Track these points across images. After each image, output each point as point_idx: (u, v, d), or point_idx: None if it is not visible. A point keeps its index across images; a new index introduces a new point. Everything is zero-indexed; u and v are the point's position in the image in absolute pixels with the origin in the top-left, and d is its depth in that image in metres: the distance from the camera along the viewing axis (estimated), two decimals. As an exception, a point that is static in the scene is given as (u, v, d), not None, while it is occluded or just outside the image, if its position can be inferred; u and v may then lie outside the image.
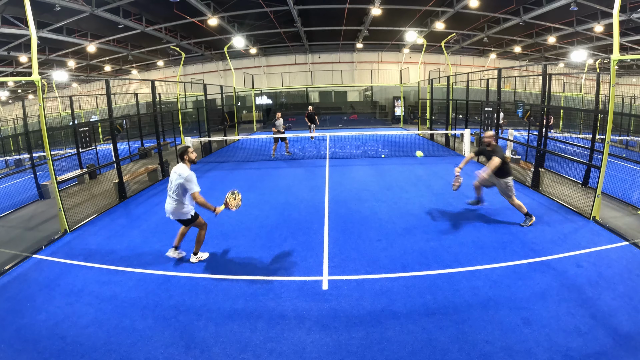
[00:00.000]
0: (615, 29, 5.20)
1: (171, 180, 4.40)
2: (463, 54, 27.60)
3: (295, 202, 7.11)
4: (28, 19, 5.35)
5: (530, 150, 9.26)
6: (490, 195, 7.24)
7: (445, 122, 14.87)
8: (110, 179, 9.02)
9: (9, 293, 4.11)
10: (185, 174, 4.29)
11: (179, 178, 4.29)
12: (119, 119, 9.67)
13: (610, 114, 5.50)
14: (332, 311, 3.59)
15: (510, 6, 16.49)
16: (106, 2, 14.21)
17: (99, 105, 22.10)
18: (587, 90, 17.74)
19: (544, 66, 7.63)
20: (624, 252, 4.66)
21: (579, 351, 2.94)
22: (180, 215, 4.42)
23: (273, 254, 4.89)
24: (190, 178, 4.29)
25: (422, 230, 5.52)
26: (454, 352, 2.99)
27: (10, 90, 29.66)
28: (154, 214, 6.76)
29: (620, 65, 27.51)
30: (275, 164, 11.22)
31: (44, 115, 5.55)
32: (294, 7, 15.96)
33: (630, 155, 12.18)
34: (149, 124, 14.68)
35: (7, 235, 6.01)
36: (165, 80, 25.32)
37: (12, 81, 28.12)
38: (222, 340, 3.23)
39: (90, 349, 3.14)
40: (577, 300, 3.63)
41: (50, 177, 5.79)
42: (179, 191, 4.31)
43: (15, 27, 14.59)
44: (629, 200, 6.59)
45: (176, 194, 4.33)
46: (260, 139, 17.66)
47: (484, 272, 4.24)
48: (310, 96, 27.19)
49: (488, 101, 10.49)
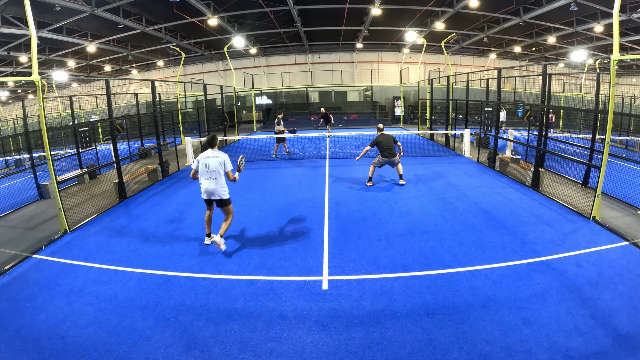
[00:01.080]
0: (615, 29, 5.21)
1: (207, 164, 4.94)
2: (463, 54, 27.60)
3: (295, 202, 7.11)
4: (28, 19, 5.35)
5: (530, 150, 9.26)
6: (489, 195, 7.25)
7: (445, 122, 14.87)
8: (110, 179, 9.02)
9: (9, 293, 4.10)
10: (223, 155, 5.02)
11: (218, 159, 4.96)
12: (119, 119, 9.67)
13: (610, 114, 5.50)
14: (332, 311, 3.59)
15: (510, 6, 16.49)
16: (106, 2, 14.21)
17: (99, 105, 22.09)
18: (587, 90, 17.75)
19: (544, 66, 7.63)
20: (624, 252, 4.66)
21: (579, 351, 2.94)
22: (222, 194, 5.00)
23: (273, 254, 4.89)
24: (227, 159, 5.03)
25: (422, 230, 5.52)
26: (454, 352, 2.99)
27: (10, 90, 29.66)
28: (154, 214, 6.76)
29: (620, 65, 27.52)
30: (275, 164, 11.21)
31: (44, 115, 5.55)
32: (294, 7, 15.96)
33: (630, 155, 12.19)
34: (148, 124, 14.69)
35: (7, 235, 6.01)
36: (165, 80, 25.32)
37: (12, 81, 28.12)
38: (222, 340, 3.23)
39: (90, 349, 3.14)
40: (577, 300, 3.63)
41: (50, 177, 5.79)
42: (219, 171, 4.94)
43: (15, 27, 14.60)
44: (629, 200, 6.58)
45: (217, 174, 4.94)
46: (260, 139, 17.67)
47: (484, 272, 4.24)
48: (310, 96, 27.20)
49: (488, 101, 10.50)
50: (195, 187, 8.63)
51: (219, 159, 4.97)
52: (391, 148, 7.79)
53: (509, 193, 7.39)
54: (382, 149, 7.79)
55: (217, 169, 4.93)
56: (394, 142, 7.85)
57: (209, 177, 4.94)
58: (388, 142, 7.79)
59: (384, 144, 7.78)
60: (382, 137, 7.87)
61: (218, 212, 5.27)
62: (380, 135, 7.92)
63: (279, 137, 12.25)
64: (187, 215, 6.60)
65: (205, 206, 5.23)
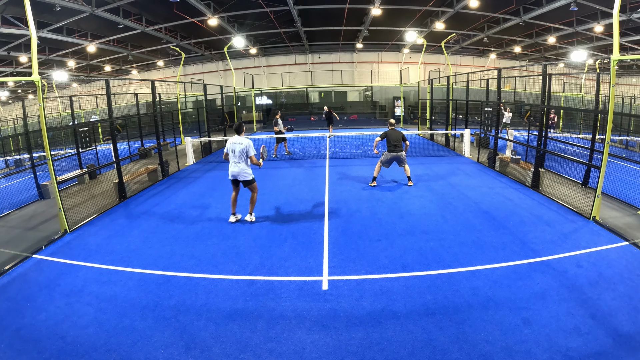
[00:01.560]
0: (615, 29, 5.21)
1: (233, 149, 5.69)
2: (463, 54, 27.60)
3: (295, 202, 7.11)
4: (28, 19, 5.35)
5: (530, 150, 9.26)
6: (489, 195, 7.25)
7: (445, 122, 14.87)
8: (110, 179, 9.02)
9: (9, 293, 4.10)
10: (246, 142, 5.65)
11: (241, 146, 5.63)
12: (119, 119, 9.67)
13: (610, 114, 5.50)
14: (332, 311, 3.59)
15: (510, 6, 16.50)
16: (106, 2, 14.22)
17: (99, 106, 22.09)
18: (587, 90, 17.76)
19: (544, 66, 7.63)
20: (624, 252, 4.66)
21: (579, 351, 2.94)
22: (246, 175, 5.76)
23: (273, 254, 4.88)
24: (250, 145, 5.66)
25: (422, 230, 5.52)
26: (454, 352, 2.98)
27: (10, 90, 29.67)
28: (154, 214, 6.76)
29: (620, 65, 27.52)
30: (275, 164, 11.21)
31: (44, 115, 5.55)
32: (294, 7, 15.97)
33: (630, 155, 12.19)
34: (148, 124, 14.69)
35: (7, 235, 6.01)
36: (165, 80, 25.32)
37: (12, 81, 28.13)
38: (222, 340, 3.22)
39: (90, 349, 3.14)
40: (577, 300, 3.63)
41: (50, 177, 5.79)
42: (244, 156, 5.66)
43: (15, 27, 14.60)
44: (629, 200, 6.58)
45: (241, 158, 5.67)
46: (261, 139, 17.64)
47: (484, 272, 4.24)
48: (310, 96, 27.21)
49: (488, 101, 10.50)
50: (194, 188, 8.64)
51: (241, 145, 5.64)
52: (399, 143, 7.97)
53: (509, 193, 7.39)
54: (390, 143, 8.00)
55: (240, 155, 5.66)
56: (402, 139, 8.02)
57: (234, 160, 5.71)
58: (397, 137, 7.99)
59: (392, 138, 7.98)
60: (392, 131, 8.11)
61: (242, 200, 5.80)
62: (390, 129, 8.15)
63: (279, 137, 12.27)
64: (187, 215, 6.60)
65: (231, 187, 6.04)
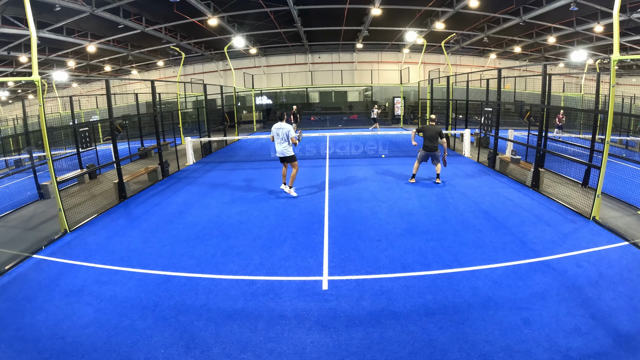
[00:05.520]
0: (615, 29, 5.20)
1: (277, 133, 7.16)
2: (463, 54, 27.60)
3: (295, 202, 7.11)
4: (28, 19, 5.35)
5: (530, 150, 9.26)
6: (489, 195, 7.24)
7: (445, 122, 14.87)
8: (110, 179, 9.02)
9: (9, 293, 4.10)
10: (287, 127, 7.14)
11: (283, 130, 7.12)
12: (119, 119, 9.66)
13: (610, 114, 5.50)
14: (332, 311, 3.59)
15: (510, 6, 16.49)
16: (106, 2, 14.21)
17: (99, 105, 22.09)
18: (587, 90, 17.75)
19: (544, 66, 7.63)
20: (624, 252, 4.66)
21: (579, 351, 2.94)
22: (287, 152, 7.19)
23: (273, 254, 4.88)
24: (291, 129, 7.16)
25: (422, 230, 5.52)
26: (454, 352, 2.98)
27: (10, 90, 29.66)
28: (154, 214, 6.76)
29: (620, 65, 27.52)
30: (276, 164, 11.19)
31: (44, 115, 5.55)
32: (294, 7, 15.96)
33: (630, 155, 12.19)
34: (148, 124, 14.68)
35: (7, 235, 6.01)
36: (165, 80, 25.33)
37: (12, 81, 28.12)
38: (222, 340, 3.22)
39: (90, 349, 3.14)
40: (577, 300, 3.63)
41: (50, 177, 5.79)
42: (286, 137, 7.12)
43: (15, 27, 14.60)
44: (629, 200, 6.58)
45: (283, 139, 7.14)
46: (261, 139, 17.66)
47: (484, 272, 4.24)
48: (310, 96, 27.20)
49: (488, 101, 10.50)
50: (194, 188, 8.64)
51: (283, 129, 7.13)
52: (434, 140, 7.81)
53: (509, 193, 7.39)
54: (425, 138, 7.87)
55: (283, 136, 7.15)
56: (439, 135, 7.84)
57: (279, 141, 7.19)
58: (432, 133, 7.84)
59: (428, 133, 7.85)
60: (429, 126, 7.99)
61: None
62: (428, 124, 8.08)
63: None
64: (187, 215, 6.60)
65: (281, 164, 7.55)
